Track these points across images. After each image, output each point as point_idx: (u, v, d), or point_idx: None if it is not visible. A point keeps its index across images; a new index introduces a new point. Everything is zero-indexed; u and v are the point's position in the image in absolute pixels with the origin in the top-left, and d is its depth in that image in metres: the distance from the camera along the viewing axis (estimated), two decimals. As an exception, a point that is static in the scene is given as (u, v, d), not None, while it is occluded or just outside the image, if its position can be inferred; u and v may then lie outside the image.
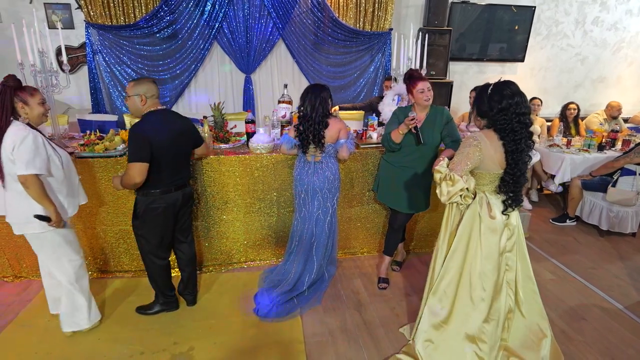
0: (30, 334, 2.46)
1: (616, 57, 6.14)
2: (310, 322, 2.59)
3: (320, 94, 2.56)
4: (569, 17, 5.79)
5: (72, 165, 2.32)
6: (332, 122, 2.60)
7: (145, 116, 2.26)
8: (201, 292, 2.87)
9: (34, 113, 2.13)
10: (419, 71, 2.62)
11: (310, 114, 2.55)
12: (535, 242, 3.78)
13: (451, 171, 1.97)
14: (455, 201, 2.01)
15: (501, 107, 1.91)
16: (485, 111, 1.98)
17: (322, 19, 4.84)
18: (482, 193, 2.09)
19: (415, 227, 3.42)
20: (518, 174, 1.99)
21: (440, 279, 2.19)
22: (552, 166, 4.26)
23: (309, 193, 2.71)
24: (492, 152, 1.96)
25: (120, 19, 4.46)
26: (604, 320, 2.68)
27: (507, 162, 1.97)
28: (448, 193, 1.98)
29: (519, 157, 1.96)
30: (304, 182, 2.70)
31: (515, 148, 1.93)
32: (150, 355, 2.30)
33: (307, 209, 2.75)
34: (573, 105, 4.87)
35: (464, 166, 1.97)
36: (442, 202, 2.03)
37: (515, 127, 1.91)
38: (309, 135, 2.57)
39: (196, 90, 5.01)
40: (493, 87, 1.95)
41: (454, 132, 2.61)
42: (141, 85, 2.26)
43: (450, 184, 1.96)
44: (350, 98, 5.26)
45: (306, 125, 2.57)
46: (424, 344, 2.24)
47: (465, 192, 1.97)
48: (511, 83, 1.94)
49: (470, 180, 2.01)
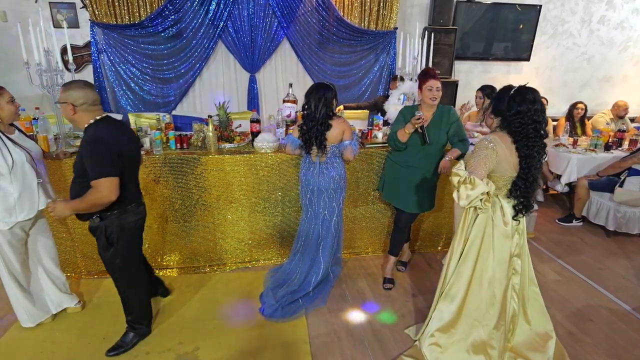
0: (36, 333, 2.46)
1: (622, 57, 6.08)
2: (315, 323, 2.58)
3: (325, 94, 2.50)
4: (575, 16, 5.74)
5: (28, 167, 2.19)
6: (335, 124, 2.55)
7: (95, 125, 1.99)
8: (206, 292, 2.87)
9: (5, 113, 2.13)
10: (435, 71, 2.58)
11: (314, 115, 2.51)
12: (541, 242, 3.75)
13: (470, 174, 1.91)
14: (474, 205, 1.95)
15: (520, 110, 1.87)
16: (501, 110, 1.94)
17: (327, 18, 4.82)
18: (496, 197, 2.04)
19: (421, 227, 3.41)
20: (531, 179, 1.95)
21: (452, 283, 2.17)
22: (558, 166, 4.23)
23: (315, 193, 2.69)
24: (508, 154, 1.92)
25: (125, 18, 4.46)
26: (611, 321, 2.65)
27: (521, 166, 1.94)
28: (468, 197, 1.89)
29: (532, 163, 1.92)
30: (309, 182, 2.68)
31: (528, 153, 1.89)
32: (155, 355, 2.29)
33: (314, 209, 2.74)
34: (581, 105, 4.84)
35: (483, 169, 1.91)
36: (461, 206, 1.96)
37: (530, 134, 1.87)
38: (312, 136, 2.54)
39: (201, 90, 5.01)
40: (517, 89, 1.91)
41: (460, 132, 2.59)
42: (71, 91, 1.94)
43: (470, 187, 1.88)
44: (354, 97, 5.24)
45: (309, 125, 2.54)
46: (430, 347, 2.22)
47: (485, 196, 1.91)
48: (535, 90, 1.90)
49: (491, 183, 1.95)
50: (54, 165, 2.75)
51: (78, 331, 2.48)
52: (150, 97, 4.81)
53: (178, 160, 2.86)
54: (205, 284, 2.97)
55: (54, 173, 2.76)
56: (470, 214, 2.10)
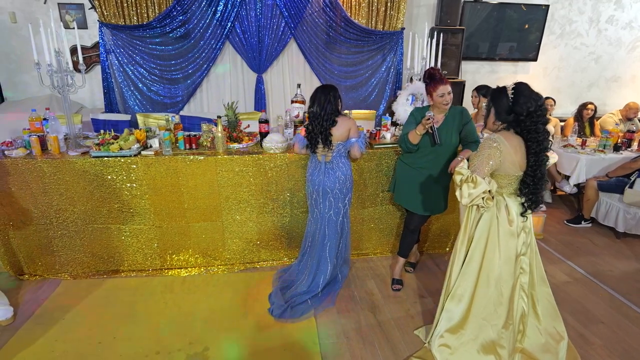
0: (47, 332, 2.47)
1: (631, 56, 6.04)
2: (324, 324, 2.58)
3: (330, 93, 2.55)
4: (583, 16, 5.71)
5: None
6: (340, 120, 2.58)
7: None
8: (215, 292, 2.88)
9: None
10: (440, 71, 2.56)
11: (319, 113, 2.54)
12: (550, 243, 3.73)
13: (473, 173, 1.94)
14: (477, 204, 1.97)
15: (532, 110, 1.87)
16: (507, 114, 1.94)
17: (334, 18, 4.82)
18: (500, 196, 2.06)
19: (429, 228, 3.39)
20: (539, 176, 1.96)
21: (458, 283, 2.17)
22: (566, 167, 4.20)
23: (320, 193, 2.69)
24: (512, 154, 1.93)
25: (133, 19, 4.48)
26: (623, 323, 2.63)
27: (529, 164, 1.94)
28: (470, 195, 1.92)
29: (541, 158, 1.93)
30: (315, 182, 2.69)
31: (539, 149, 1.90)
32: (165, 355, 2.30)
33: (319, 209, 2.74)
34: (591, 105, 4.80)
35: (485, 168, 1.93)
36: (463, 204, 1.99)
37: (539, 129, 1.89)
38: (318, 133, 2.57)
39: (208, 90, 5.02)
40: (516, 91, 1.90)
41: (473, 133, 2.58)
42: None
43: (472, 186, 1.91)
44: (361, 98, 5.23)
45: (315, 123, 2.57)
46: (440, 348, 2.22)
47: (487, 195, 1.93)
48: (526, 84, 1.92)
49: (493, 182, 1.98)
50: (54, 164, 2.77)
51: (88, 331, 2.49)
52: (158, 97, 4.83)
53: (187, 161, 2.87)
54: (214, 284, 2.98)
55: (54, 173, 2.78)
56: (474, 213, 2.11)
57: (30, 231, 2.92)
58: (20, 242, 2.94)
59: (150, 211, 2.95)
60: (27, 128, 3.10)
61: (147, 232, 3.01)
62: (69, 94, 2.92)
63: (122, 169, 2.82)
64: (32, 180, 2.78)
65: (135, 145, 2.89)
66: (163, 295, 2.84)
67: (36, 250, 2.97)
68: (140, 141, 2.97)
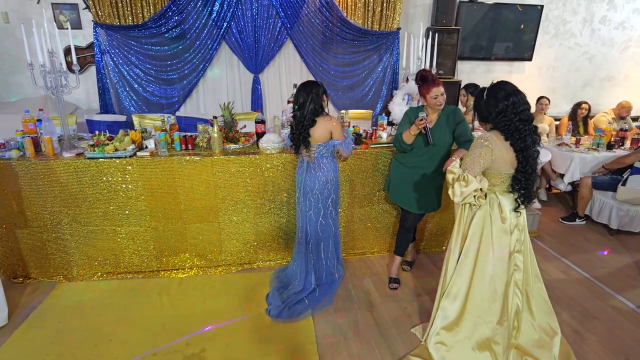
0: (42, 335, 2.46)
1: (623, 56, 6.10)
2: (322, 323, 2.58)
3: (312, 90, 2.45)
4: (577, 16, 5.75)
5: None
6: (320, 121, 2.49)
7: None
8: (212, 293, 2.87)
9: None
10: (432, 73, 2.57)
11: (300, 112, 2.48)
12: (544, 241, 3.76)
13: (464, 172, 1.96)
14: (468, 202, 2.00)
15: (499, 110, 1.92)
16: (485, 117, 2.01)
17: (330, 18, 4.83)
18: (493, 194, 2.08)
19: (426, 227, 3.41)
20: (530, 171, 2.00)
21: (453, 281, 2.19)
22: (560, 165, 4.25)
23: (302, 192, 2.68)
24: (504, 152, 1.96)
25: (128, 19, 4.46)
26: (617, 319, 2.66)
27: (519, 160, 1.97)
28: (462, 194, 1.96)
29: (529, 154, 1.95)
30: (298, 180, 2.69)
31: (523, 146, 1.93)
32: (162, 357, 2.29)
33: (301, 208, 2.74)
34: (585, 105, 4.85)
35: (476, 166, 1.96)
36: (455, 202, 2.02)
37: (519, 126, 1.91)
38: (298, 134, 2.51)
39: (204, 90, 5.01)
40: (487, 92, 1.96)
41: (466, 132, 2.60)
42: None
43: (463, 184, 1.95)
44: (358, 97, 5.25)
45: (295, 123, 2.53)
46: (436, 346, 2.23)
47: (479, 193, 1.96)
48: (505, 83, 1.94)
49: (484, 180, 2.01)
50: (47, 166, 2.75)
51: (84, 334, 2.47)
52: (153, 98, 4.82)
53: (183, 162, 2.86)
54: (211, 285, 2.97)
55: (47, 175, 2.77)
56: (467, 211, 2.14)
57: (24, 234, 2.90)
58: (14, 245, 2.92)
59: (146, 213, 2.94)
60: (20, 129, 3.07)
61: (143, 233, 3.00)
62: (62, 94, 2.90)
63: (117, 170, 2.80)
64: (26, 182, 2.76)
65: (130, 147, 2.87)
66: (160, 297, 2.83)
67: (30, 253, 2.95)
68: (135, 142, 2.97)
